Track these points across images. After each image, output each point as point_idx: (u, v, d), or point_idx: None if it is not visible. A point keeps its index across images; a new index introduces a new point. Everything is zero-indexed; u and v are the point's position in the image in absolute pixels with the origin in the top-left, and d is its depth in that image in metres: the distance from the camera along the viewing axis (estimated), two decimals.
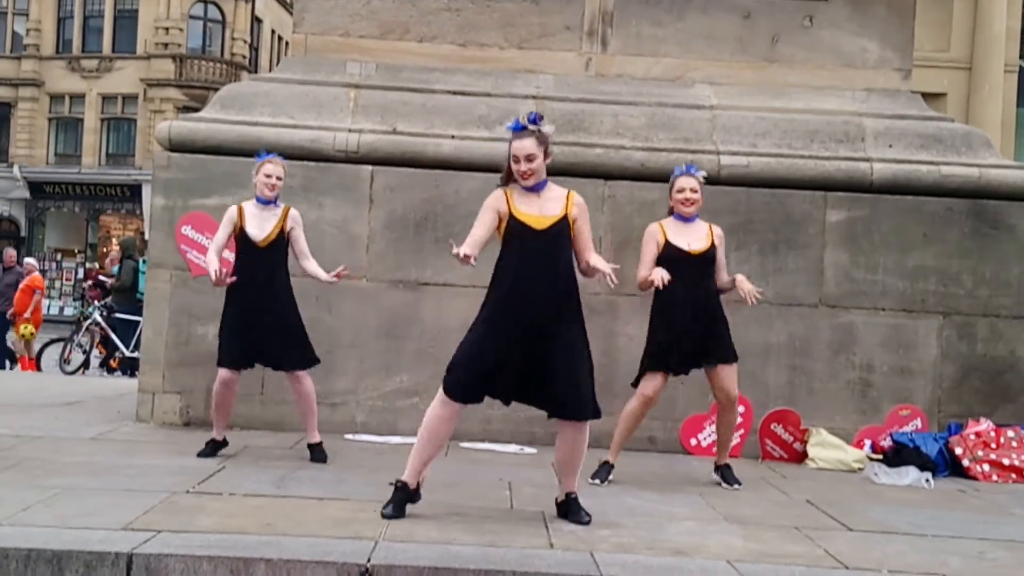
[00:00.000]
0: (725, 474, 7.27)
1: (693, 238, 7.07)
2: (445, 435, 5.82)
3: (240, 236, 7.24)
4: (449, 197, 8.73)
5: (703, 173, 7.27)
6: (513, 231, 5.70)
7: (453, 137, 8.86)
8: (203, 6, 42.97)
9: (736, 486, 7.15)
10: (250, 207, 7.30)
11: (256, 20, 45.44)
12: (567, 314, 5.69)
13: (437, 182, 8.75)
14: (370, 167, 8.74)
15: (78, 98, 42.92)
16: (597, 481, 7.01)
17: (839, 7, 9.35)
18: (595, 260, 5.77)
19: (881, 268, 8.79)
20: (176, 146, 8.85)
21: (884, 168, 8.86)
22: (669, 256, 7.00)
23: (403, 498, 5.70)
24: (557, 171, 6.51)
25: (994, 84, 27.47)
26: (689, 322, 6.98)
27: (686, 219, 7.13)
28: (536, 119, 5.76)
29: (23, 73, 43.21)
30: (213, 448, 7.33)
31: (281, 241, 7.28)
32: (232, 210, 7.29)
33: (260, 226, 7.24)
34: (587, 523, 5.66)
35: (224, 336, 7.29)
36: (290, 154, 8.43)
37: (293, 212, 7.38)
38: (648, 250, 7.09)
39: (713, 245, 7.10)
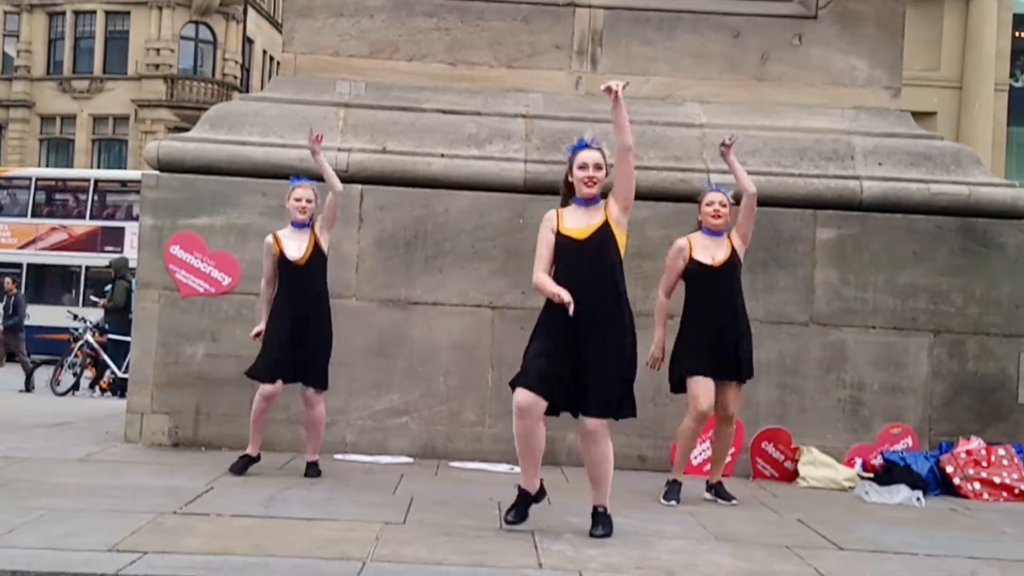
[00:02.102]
0: (719, 491, 7.30)
1: (717, 251, 7.22)
2: (535, 446, 5.89)
3: (280, 260, 7.42)
4: (439, 216, 8.72)
5: (731, 192, 7.42)
6: (560, 246, 5.93)
7: (443, 156, 8.85)
8: (194, 27, 43.01)
9: (733, 501, 7.20)
10: (284, 232, 7.50)
11: (247, 40, 45.50)
12: (606, 318, 5.84)
13: (427, 201, 8.74)
14: (360, 186, 8.72)
15: (69, 119, 42.88)
16: (673, 503, 7.14)
17: (828, 25, 9.37)
18: None
19: (871, 286, 8.78)
20: (165, 166, 8.84)
21: (874, 186, 8.86)
22: (695, 272, 7.21)
23: (523, 503, 5.98)
24: (547, 189, 6.53)
25: (984, 103, 27.58)
26: (718, 334, 7.12)
27: (713, 233, 7.26)
28: (598, 142, 6.15)
29: (14, 94, 43.18)
30: (245, 464, 7.44)
31: (318, 257, 7.48)
32: (268, 239, 7.50)
33: (297, 247, 7.43)
34: (600, 536, 5.77)
35: (268, 350, 7.43)
36: (279, 173, 8.44)
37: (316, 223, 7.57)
38: (674, 266, 7.31)
39: (734, 250, 7.24)
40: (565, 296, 5.64)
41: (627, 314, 5.95)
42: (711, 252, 7.19)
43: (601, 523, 5.86)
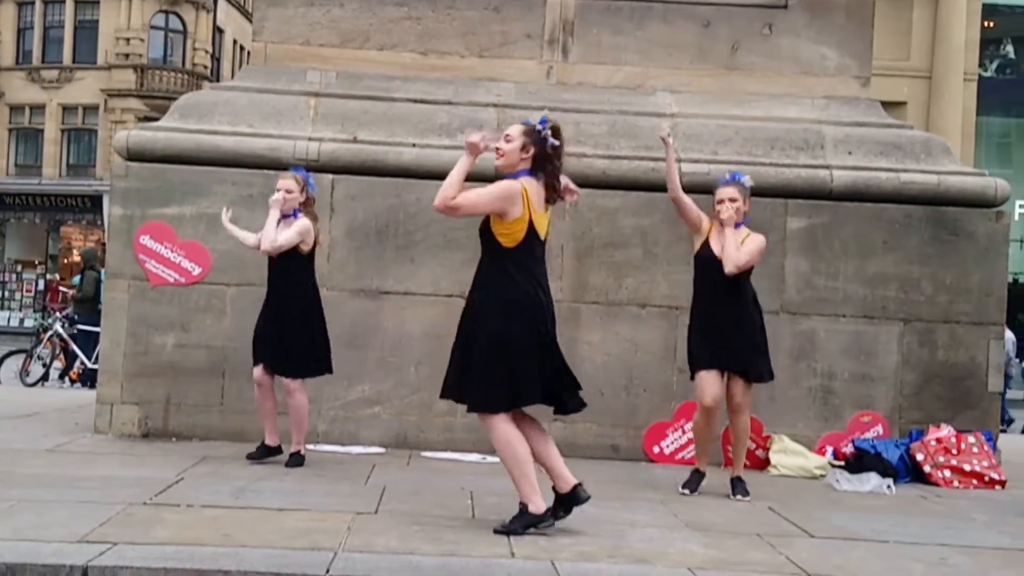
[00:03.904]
0: (734, 485, 7.21)
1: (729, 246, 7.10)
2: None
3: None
4: (411, 205, 8.69)
5: (748, 179, 7.34)
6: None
7: (414, 145, 8.82)
8: (164, 16, 42.70)
9: (738, 497, 7.10)
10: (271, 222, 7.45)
11: (218, 30, 45.24)
12: (479, 310, 5.77)
13: (398, 190, 8.71)
14: (330, 176, 8.68)
15: (38, 109, 42.54)
16: (687, 491, 7.15)
17: (798, 15, 9.38)
18: None
19: (842, 275, 8.81)
20: (134, 155, 8.77)
21: (844, 175, 8.89)
22: (703, 256, 7.18)
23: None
24: None
25: (954, 93, 27.73)
26: (718, 328, 7.05)
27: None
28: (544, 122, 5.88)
29: None
30: (264, 452, 7.51)
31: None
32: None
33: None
34: (498, 531, 5.59)
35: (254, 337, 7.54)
36: (249, 163, 8.42)
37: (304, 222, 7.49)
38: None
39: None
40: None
41: (500, 304, 5.70)
42: (720, 244, 7.09)
43: (511, 523, 5.67)
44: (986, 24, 30.03)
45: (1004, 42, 33.43)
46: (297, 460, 7.46)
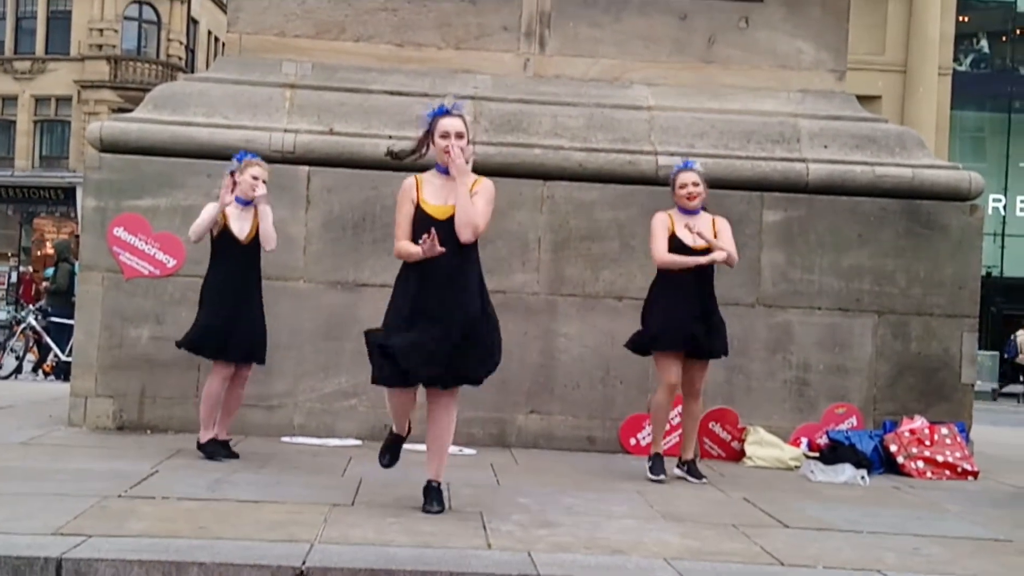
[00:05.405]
0: (691, 468, 7.37)
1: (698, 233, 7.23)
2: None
3: (223, 234, 7.33)
4: (387, 198, 8.64)
5: (697, 164, 7.44)
6: (418, 220, 5.92)
7: (391, 137, 8.77)
8: (138, 7, 42.50)
9: (703, 480, 7.28)
10: (230, 208, 7.34)
11: (192, 21, 45.05)
12: (484, 297, 6.07)
13: (375, 183, 8.68)
14: (307, 168, 8.67)
15: (11, 100, 42.31)
16: (662, 476, 7.23)
17: (774, 8, 9.40)
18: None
19: (817, 268, 8.84)
20: (108, 146, 8.72)
21: (819, 168, 8.92)
22: (674, 249, 7.21)
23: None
24: (496, 171, 6.54)
25: (928, 87, 27.88)
26: (695, 313, 7.20)
27: (690, 212, 7.27)
28: (460, 107, 6.06)
29: None
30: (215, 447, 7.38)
31: (258, 238, 7.41)
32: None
33: (241, 226, 7.35)
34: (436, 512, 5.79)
35: (214, 331, 7.31)
36: (224, 154, 8.32)
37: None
38: (660, 234, 7.23)
39: (716, 235, 7.26)
40: (435, 248, 5.66)
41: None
42: (691, 233, 7.20)
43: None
44: (961, 19, 30.23)
45: (979, 36, 33.67)
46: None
